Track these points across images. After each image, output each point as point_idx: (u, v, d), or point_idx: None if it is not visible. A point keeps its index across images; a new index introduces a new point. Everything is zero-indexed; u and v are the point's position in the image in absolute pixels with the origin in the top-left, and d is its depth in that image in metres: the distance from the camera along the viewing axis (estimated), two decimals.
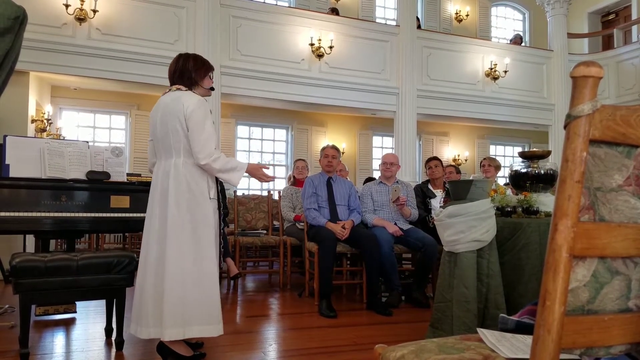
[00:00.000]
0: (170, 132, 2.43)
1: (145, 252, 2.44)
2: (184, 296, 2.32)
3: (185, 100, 2.42)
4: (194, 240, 2.39)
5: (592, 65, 0.71)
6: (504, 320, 1.22)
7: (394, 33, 7.55)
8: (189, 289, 2.34)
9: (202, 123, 2.40)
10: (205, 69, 2.60)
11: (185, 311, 2.32)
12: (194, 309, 2.33)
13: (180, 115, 2.40)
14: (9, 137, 3.18)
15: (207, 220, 2.44)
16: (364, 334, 3.17)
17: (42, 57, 5.61)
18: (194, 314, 2.33)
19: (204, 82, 2.60)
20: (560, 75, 8.53)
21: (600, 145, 0.75)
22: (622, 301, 0.78)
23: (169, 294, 2.31)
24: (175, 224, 2.38)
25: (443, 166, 5.01)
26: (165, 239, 2.37)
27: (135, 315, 2.41)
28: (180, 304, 2.32)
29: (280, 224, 5.12)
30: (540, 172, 3.05)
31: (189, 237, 2.38)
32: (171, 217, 2.38)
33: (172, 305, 2.30)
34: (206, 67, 2.62)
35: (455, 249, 2.65)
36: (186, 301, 2.33)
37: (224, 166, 2.45)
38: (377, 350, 1.14)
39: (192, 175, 2.43)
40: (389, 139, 9.13)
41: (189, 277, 2.35)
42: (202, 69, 2.59)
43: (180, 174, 2.42)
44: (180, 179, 2.41)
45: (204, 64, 2.61)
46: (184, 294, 2.33)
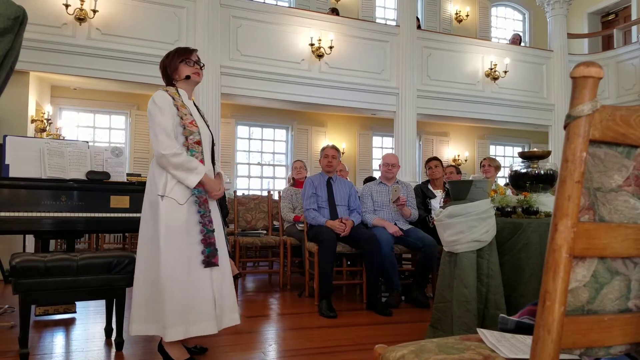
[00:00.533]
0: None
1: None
2: (137, 294, 2.37)
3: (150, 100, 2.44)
4: (148, 238, 2.39)
5: (592, 66, 0.71)
6: (504, 321, 1.22)
7: (394, 33, 7.55)
8: (139, 288, 2.38)
9: (154, 118, 2.38)
10: (175, 60, 2.50)
11: (141, 309, 2.36)
12: (148, 307, 2.34)
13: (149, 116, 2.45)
14: (9, 137, 3.18)
15: (156, 219, 2.34)
16: (364, 334, 3.17)
17: (42, 57, 5.61)
18: (148, 313, 2.34)
19: (176, 74, 2.51)
20: (560, 76, 8.53)
21: (600, 145, 0.75)
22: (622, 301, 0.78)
23: (133, 291, 2.40)
24: (140, 224, 2.45)
25: (443, 166, 5.01)
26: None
27: None
28: (136, 302, 2.37)
29: (280, 224, 5.12)
30: (540, 173, 3.05)
31: (145, 235, 2.40)
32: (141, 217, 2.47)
33: (133, 302, 2.38)
34: (177, 56, 2.50)
35: (455, 249, 2.65)
36: (140, 300, 2.36)
37: (186, 163, 2.34)
38: (377, 351, 1.14)
39: (153, 172, 2.43)
40: (389, 139, 9.13)
41: (142, 275, 2.39)
42: (172, 60, 2.50)
43: (150, 171, 2.47)
44: (148, 177, 2.47)
45: (174, 55, 2.51)
46: (139, 292, 2.38)
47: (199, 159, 2.41)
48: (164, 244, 2.31)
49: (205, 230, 2.39)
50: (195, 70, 2.53)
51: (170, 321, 2.27)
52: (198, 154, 2.42)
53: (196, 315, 2.32)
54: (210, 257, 2.38)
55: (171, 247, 2.32)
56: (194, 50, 2.57)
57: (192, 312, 2.31)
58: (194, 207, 2.39)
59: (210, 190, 2.43)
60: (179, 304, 2.29)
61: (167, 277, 2.29)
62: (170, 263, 2.30)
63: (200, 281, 2.36)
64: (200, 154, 2.43)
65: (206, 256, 2.38)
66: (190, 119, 2.44)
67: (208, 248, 2.39)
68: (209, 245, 2.39)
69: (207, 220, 2.41)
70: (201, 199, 2.41)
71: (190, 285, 2.33)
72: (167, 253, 2.31)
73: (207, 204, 2.43)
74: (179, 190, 2.36)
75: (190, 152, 2.39)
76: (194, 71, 2.52)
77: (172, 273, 2.30)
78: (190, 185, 2.36)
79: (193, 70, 2.52)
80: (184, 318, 2.29)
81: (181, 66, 2.51)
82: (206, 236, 2.39)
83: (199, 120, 2.52)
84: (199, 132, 2.45)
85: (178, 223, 2.35)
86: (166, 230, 2.32)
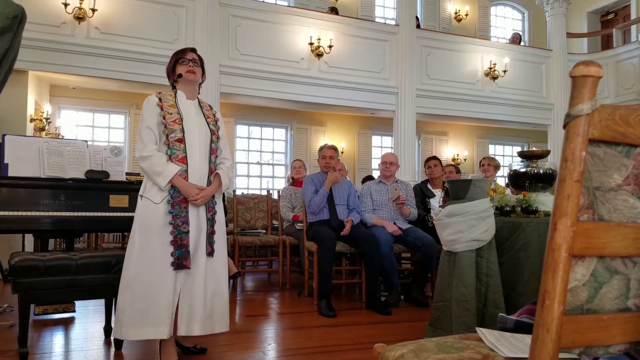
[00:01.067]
0: None
1: None
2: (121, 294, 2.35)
3: None
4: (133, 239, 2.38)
5: (592, 65, 0.71)
6: (503, 320, 1.22)
7: (393, 32, 7.55)
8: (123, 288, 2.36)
9: (140, 119, 2.43)
10: (171, 62, 2.52)
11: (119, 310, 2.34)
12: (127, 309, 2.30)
13: None
14: (8, 136, 3.18)
15: (138, 218, 2.36)
16: (363, 333, 3.17)
17: (41, 56, 5.60)
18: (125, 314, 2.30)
19: (174, 75, 2.52)
20: (559, 75, 8.54)
21: (599, 144, 0.75)
22: (621, 300, 0.78)
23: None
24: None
25: (442, 166, 5.01)
26: None
27: None
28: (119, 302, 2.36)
29: (279, 223, 5.12)
30: (540, 172, 3.05)
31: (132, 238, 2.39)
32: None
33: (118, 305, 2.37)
34: (173, 57, 2.53)
35: (455, 249, 2.65)
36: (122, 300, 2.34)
37: (151, 166, 2.33)
38: (377, 350, 1.14)
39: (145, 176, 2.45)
40: (388, 139, 9.13)
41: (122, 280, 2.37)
42: (170, 62, 2.52)
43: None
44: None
45: (172, 58, 2.54)
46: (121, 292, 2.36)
47: (179, 157, 2.36)
48: (137, 244, 2.31)
49: (177, 232, 2.30)
50: (188, 69, 2.49)
51: (129, 320, 2.26)
52: (179, 151, 2.36)
53: (155, 317, 2.25)
54: (181, 259, 2.29)
55: (144, 247, 2.30)
56: (188, 49, 2.55)
57: (151, 314, 2.26)
58: (167, 207, 2.33)
59: (185, 194, 2.34)
60: (141, 304, 2.26)
61: (133, 276, 2.28)
62: (139, 263, 2.29)
63: (164, 283, 2.28)
64: (182, 151, 2.37)
65: (176, 258, 2.28)
66: (174, 117, 2.39)
67: (178, 250, 2.29)
68: (180, 247, 2.30)
69: (181, 222, 2.32)
70: (176, 199, 2.34)
71: (155, 287, 2.27)
72: (139, 253, 2.30)
73: (183, 205, 2.34)
74: (153, 190, 2.36)
75: (171, 150, 2.36)
76: (187, 69, 2.49)
77: (139, 273, 2.28)
78: (160, 187, 2.34)
79: (186, 69, 2.49)
80: (143, 319, 2.25)
81: (177, 67, 2.51)
82: (177, 238, 2.30)
83: (197, 118, 2.46)
84: (182, 130, 2.38)
85: (151, 223, 2.32)
86: (140, 229, 2.33)
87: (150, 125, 2.38)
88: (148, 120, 2.38)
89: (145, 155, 2.33)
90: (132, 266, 2.30)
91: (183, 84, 2.52)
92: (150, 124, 2.38)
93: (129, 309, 2.27)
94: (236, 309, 3.95)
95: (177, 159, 2.36)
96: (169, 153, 2.36)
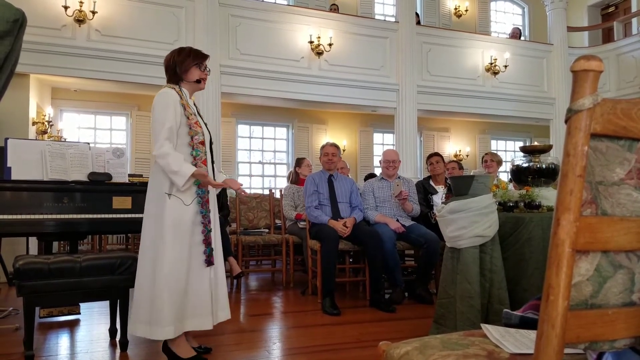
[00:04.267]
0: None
1: None
2: (138, 293, 2.38)
3: (155, 97, 2.43)
4: (150, 235, 2.39)
5: (593, 59, 0.71)
6: (507, 315, 1.22)
7: (393, 29, 7.54)
8: (142, 287, 2.37)
9: (154, 116, 2.37)
10: (189, 61, 2.49)
11: (137, 308, 2.36)
12: (144, 307, 2.34)
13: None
14: (10, 139, 3.18)
15: (161, 218, 2.35)
16: (367, 330, 3.18)
17: (42, 59, 5.61)
18: (142, 313, 2.34)
19: (187, 75, 2.50)
20: (560, 69, 8.51)
21: (601, 139, 0.75)
22: (626, 295, 0.78)
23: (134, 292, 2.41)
24: (143, 223, 2.45)
25: (444, 162, 5.00)
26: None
27: None
28: (135, 301, 2.38)
29: (282, 222, 5.13)
30: (542, 167, 3.05)
31: (147, 233, 2.41)
32: (144, 215, 2.46)
33: (134, 302, 2.40)
34: (191, 59, 2.50)
35: (458, 245, 2.65)
36: (138, 299, 2.38)
37: (168, 166, 2.32)
38: (382, 347, 1.14)
39: (155, 171, 2.44)
40: (390, 136, 9.12)
41: (144, 277, 2.38)
42: (185, 61, 2.49)
43: (152, 170, 2.49)
44: (151, 176, 2.48)
45: (188, 56, 2.50)
46: (138, 291, 2.39)
47: (202, 159, 2.45)
48: (169, 243, 2.33)
49: (206, 231, 2.44)
50: (205, 76, 2.56)
51: (168, 319, 2.30)
52: (202, 154, 2.45)
53: (192, 311, 2.39)
54: (210, 256, 2.45)
55: (177, 246, 2.35)
56: (208, 57, 2.60)
57: (188, 309, 2.38)
58: (197, 207, 2.43)
59: (209, 184, 2.44)
60: (178, 302, 2.33)
61: (169, 275, 2.32)
62: (174, 262, 2.33)
63: (201, 279, 2.42)
64: (204, 154, 2.46)
65: (207, 256, 2.44)
66: (195, 119, 2.46)
67: (208, 248, 2.45)
68: (209, 245, 2.46)
69: (207, 221, 2.46)
70: (204, 199, 2.45)
71: (191, 284, 2.38)
72: (172, 252, 2.34)
73: (208, 204, 2.48)
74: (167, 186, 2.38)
75: (196, 152, 2.43)
76: (204, 76, 2.55)
77: (174, 272, 2.33)
78: (177, 186, 2.35)
79: (203, 75, 2.54)
80: (179, 316, 2.34)
81: (193, 69, 2.51)
82: (207, 236, 2.45)
83: (200, 121, 2.54)
84: (203, 133, 2.48)
85: (184, 223, 2.38)
86: (172, 229, 2.35)
87: (172, 125, 2.37)
88: (170, 119, 2.35)
89: (163, 153, 2.33)
90: (166, 266, 2.32)
91: (189, 86, 2.54)
92: (172, 123, 2.36)
93: (168, 308, 2.30)
94: (240, 308, 3.95)
95: (201, 160, 2.43)
96: (193, 154, 2.42)
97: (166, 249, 2.33)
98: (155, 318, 2.30)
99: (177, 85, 2.52)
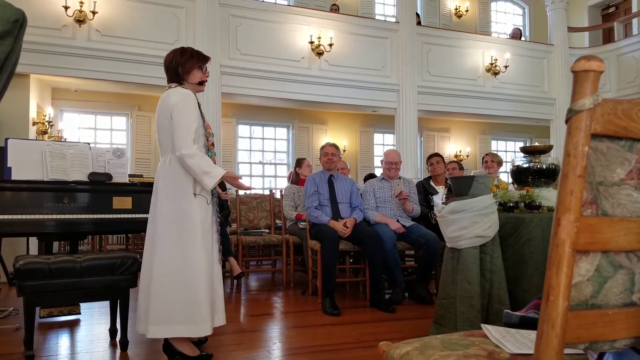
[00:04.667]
0: (161, 131, 2.46)
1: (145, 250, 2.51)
2: (167, 295, 2.33)
3: (172, 96, 2.42)
4: (178, 237, 2.38)
5: (593, 59, 0.71)
6: (507, 316, 1.22)
7: (393, 30, 7.54)
8: (173, 288, 2.34)
9: (181, 116, 2.37)
10: (192, 62, 2.50)
11: (168, 309, 2.33)
12: (178, 307, 2.33)
13: (167, 113, 2.41)
14: (11, 139, 3.18)
15: (191, 216, 2.38)
16: (367, 331, 3.18)
17: (42, 59, 5.61)
18: (177, 313, 2.32)
19: (190, 76, 2.50)
20: (561, 70, 8.51)
21: (602, 139, 0.75)
22: (626, 295, 0.78)
23: (154, 292, 2.34)
24: (162, 221, 2.40)
25: (445, 162, 5.00)
26: (153, 238, 2.41)
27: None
28: (164, 303, 2.33)
29: (282, 222, 5.12)
30: (542, 167, 3.05)
31: (173, 234, 2.38)
32: (159, 213, 2.41)
33: (156, 303, 2.33)
34: (194, 60, 2.51)
35: (458, 245, 2.65)
36: (170, 300, 2.33)
37: (198, 166, 2.35)
38: (382, 348, 1.14)
39: (176, 172, 2.41)
40: (390, 136, 9.12)
41: (173, 276, 2.35)
42: (188, 62, 2.49)
43: (168, 171, 2.44)
44: (167, 176, 2.43)
45: (191, 57, 2.51)
46: (168, 292, 2.34)
47: (213, 160, 2.51)
48: (200, 242, 2.38)
49: (221, 230, 2.57)
50: (206, 78, 2.58)
51: (207, 316, 2.36)
52: (214, 155, 2.53)
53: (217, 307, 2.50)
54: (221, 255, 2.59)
55: (205, 244, 2.42)
56: (210, 59, 2.62)
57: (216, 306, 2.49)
58: (214, 206, 2.54)
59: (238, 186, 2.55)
60: (210, 299, 2.41)
61: (204, 273, 2.38)
62: (205, 260, 2.41)
63: (218, 277, 2.56)
64: (214, 155, 2.54)
65: (222, 254, 2.59)
66: (206, 121, 2.53)
67: (221, 246, 2.58)
68: (221, 244, 2.60)
69: (219, 221, 2.60)
70: (214, 199, 2.56)
71: (214, 282, 2.49)
72: (203, 251, 2.40)
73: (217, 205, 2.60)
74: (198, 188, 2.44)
75: (210, 153, 2.49)
76: (205, 79, 2.58)
77: (206, 270, 2.41)
78: (206, 186, 2.40)
79: (204, 78, 2.57)
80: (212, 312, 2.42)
81: (196, 70, 2.52)
82: (221, 235, 2.59)
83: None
84: (212, 134, 2.56)
85: (207, 222, 2.47)
86: (201, 228, 2.40)
87: (197, 126, 2.42)
88: (194, 121, 2.41)
89: (192, 153, 2.36)
90: (201, 264, 2.37)
91: (191, 87, 2.54)
92: (196, 125, 2.42)
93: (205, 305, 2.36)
94: (241, 308, 3.96)
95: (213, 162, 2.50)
96: (210, 155, 2.48)
97: (198, 248, 2.37)
98: (193, 317, 2.32)
99: (180, 84, 2.52)
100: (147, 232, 2.51)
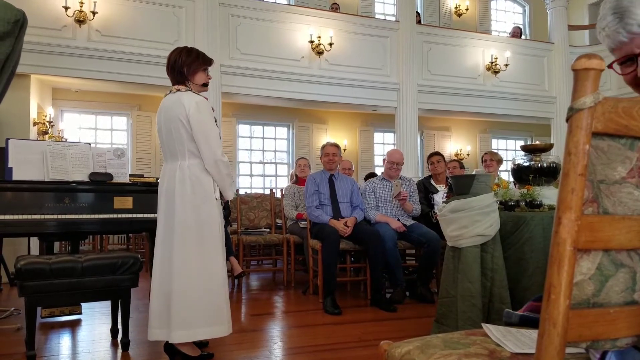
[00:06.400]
0: (174, 137, 2.42)
1: (155, 255, 2.48)
2: (190, 298, 2.32)
3: (186, 102, 2.38)
4: (200, 241, 2.38)
5: (594, 58, 0.71)
6: (508, 315, 1.22)
7: (393, 28, 7.53)
8: (195, 291, 2.33)
9: (207, 126, 2.39)
10: (197, 64, 2.49)
11: (192, 313, 2.32)
12: (201, 310, 2.33)
13: (182, 118, 2.37)
14: (11, 140, 3.19)
15: (212, 221, 2.42)
16: (368, 330, 3.18)
17: (42, 59, 5.62)
18: (201, 316, 2.33)
19: (195, 77, 2.50)
20: (561, 68, 8.50)
21: (602, 137, 0.75)
22: (627, 294, 0.78)
23: (176, 296, 2.31)
24: (182, 226, 2.37)
25: (445, 161, 5.00)
26: (172, 241, 2.38)
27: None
28: (187, 306, 2.32)
29: (283, 222, 5.12)
30: (543, 166, 3.04)
31: (195, 239, 2.37)
32: (177, 219, 2.38)
33: (179, 307, 2.31)
34: (199, 62, 2.50)
35: (459, 244, 2.65)
36: (193, 303, 2.32)
37: (229, 175, 2.50)
38: (383, 347, 1.14)
39: (197, 177, 2.41)
40: (391, 135, 9.12)
41: (195, 279, 2.34)
42: (194, 63, 2.49)
43: (186, 175, 2.41)
44: (186, 181, 2.41)
45: (197, 59, 2.50)
46: (190, 295, 2.32)
47: None
48: (220, 246, 2.45)
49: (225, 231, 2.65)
50: (208, 80, 2.60)
51: (227, 317, 2.42)
52: None
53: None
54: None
55: (222, 248, 2.48)
56: (213, 62, 2.64)
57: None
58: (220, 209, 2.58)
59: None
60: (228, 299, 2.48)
61: (223, 275, 2.45)
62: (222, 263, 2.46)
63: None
64: None
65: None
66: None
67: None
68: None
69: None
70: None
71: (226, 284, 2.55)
72: (220, 254, 2.46)
73: None
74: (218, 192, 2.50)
75: None
76: (208, 81, 2.59)
77: (224, 273, 2.48)
78: (228, 196, 2.52)
79: (207, 80, 2.59)
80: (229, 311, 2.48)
81: (201, 72, 2.53)
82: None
83: None
84: None
85: (222, 225, 2.53)
86: (219, 232, 2.46)
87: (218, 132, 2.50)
88: (216, 128, 2.47)
89: (228, 161, 2.48)
90: (222, 267, 2.44)
91: (195, 88, 2.52)
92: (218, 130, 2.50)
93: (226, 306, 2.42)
94: (242, 308, 3.96)
95: None
96: None
97: (220, 251, 2.44)
98: (216, 318, 2.38)
99: (185, 85, 2.51)
100: (159, 237, 2.45)
